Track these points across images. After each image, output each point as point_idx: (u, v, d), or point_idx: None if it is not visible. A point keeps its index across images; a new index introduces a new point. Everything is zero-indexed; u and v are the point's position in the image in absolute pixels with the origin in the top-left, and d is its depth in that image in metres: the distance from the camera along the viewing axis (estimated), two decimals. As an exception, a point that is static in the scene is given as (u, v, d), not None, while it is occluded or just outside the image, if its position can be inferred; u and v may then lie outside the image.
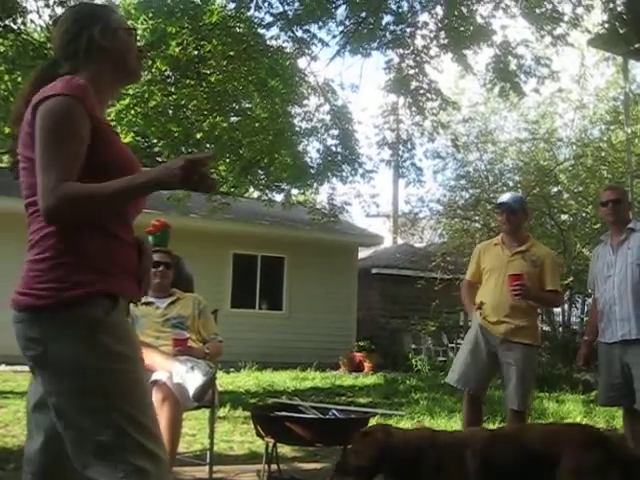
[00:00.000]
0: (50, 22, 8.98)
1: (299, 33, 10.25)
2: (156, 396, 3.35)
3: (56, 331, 1.71)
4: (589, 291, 4.64)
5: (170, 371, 3.45)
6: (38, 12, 8.95)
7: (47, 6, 8.89)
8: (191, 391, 3.37)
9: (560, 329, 13.53)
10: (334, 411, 3.92)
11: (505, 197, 4.76)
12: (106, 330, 1.73)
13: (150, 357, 3.48)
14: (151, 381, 3.40)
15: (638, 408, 4.07)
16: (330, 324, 13.76)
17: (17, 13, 8.23)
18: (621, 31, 10.35)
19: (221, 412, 6.54)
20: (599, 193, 13.69)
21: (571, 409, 7.76)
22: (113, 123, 10.41)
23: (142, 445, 1.70)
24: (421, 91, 11.74)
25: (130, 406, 1.72)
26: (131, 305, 4.09)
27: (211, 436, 4.09)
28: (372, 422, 4.31)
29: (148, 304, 4.11)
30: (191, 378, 3.37)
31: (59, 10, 8.84)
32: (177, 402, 3.38)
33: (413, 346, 14.36)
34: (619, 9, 10.46)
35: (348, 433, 3.44)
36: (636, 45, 9.87)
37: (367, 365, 13.16)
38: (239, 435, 5.62)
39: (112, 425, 1.68)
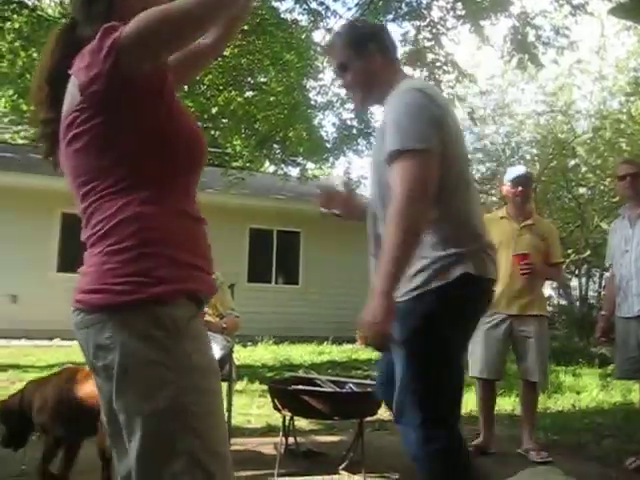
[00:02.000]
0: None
1: (313, 5, 10.16)
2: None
3: (134, 335, 1.41)
4: (607, 265, 4.61)
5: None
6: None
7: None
8: (209, 365, 3.40)
9: (577, 303, 13.48)
10: (351, 385, 3.95)
11: (519, 170, 4.74)
12: (190, 339, 1.46)
13: None
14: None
15: None
16: (347, 298, 13.80)
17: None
18: (642, 0, 10.19)
19: (238, 386, 6.60)
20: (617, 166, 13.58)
21: (587, 383, 7.77)
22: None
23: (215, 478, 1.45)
24: (437, 64, 11.63)
25: (208, 432, 1.46)
26: None
27: (229, 409, 4.15)
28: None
29: None
30: (209, 352, 3.41)
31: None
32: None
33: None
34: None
35: (365, 407, 3.48)
36: (657, 14, 9.70)
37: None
38: (256, 408, 5.68)
39: (186, 453, 1.43)
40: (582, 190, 14.60)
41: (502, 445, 4.56)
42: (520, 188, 4.52)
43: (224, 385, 4.16)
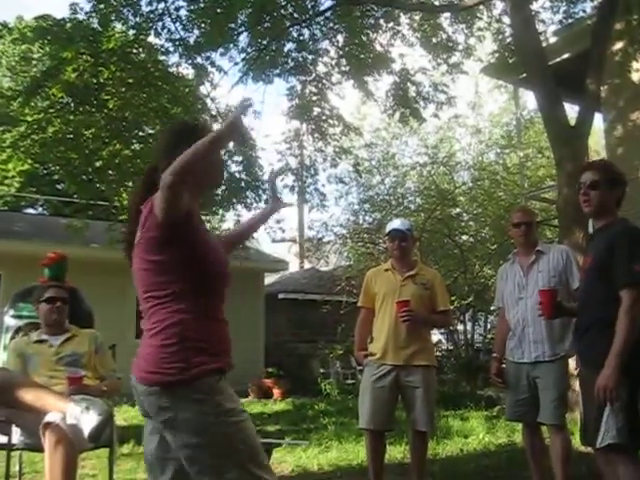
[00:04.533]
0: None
1: (200, 60, 10.24)
2: (49, 439, 3.22)
3: (183, 399, 2.12)
4: (492, 308, 4.73)
5: (64, 412, 3.32)
6: None
7: None
8: (86, 432, 3.25)
9: (463, 347, 13.88)
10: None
11: (395, 224, 4.76)
12: (219, 393, 2.17)
13: (43, 398, 3.34)
14: (43, 423, 3.25)
15: (543, 421, 4.20)
16: (238, 351, 13.53)
17: None
18: (510, 61, 10.89)
19: (125, 448, 6.34)
20: (497, 214, 14.16)
21: (475, 426, 7.95)
22: (9, 150, 10.05)
23: None
24: (323, 117, 11.92)
25: (249, 447, 2.16)
26: (22, 344, 3.94)
27: (110, 477, 3.96)
28: (278, 452, 4.30)
29: (41, 342, 3.97)
30: (86, 418, 3.26)
31: None
32: (72, 444, 3.24)
33: (322, 370, 14.39)
34: (508, 40, 10.99)
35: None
36: (524, 74, 10.38)
37: (276, 391, 13.09)
38: (142, 472, 5.45)
39: (237, 466, 2.12)
40: (464, 238, 15.15)
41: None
42: (397, 242, 4.62)
43: (105, 451, 3.98)
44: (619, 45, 10.23)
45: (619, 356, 2.94)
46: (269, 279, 17.35)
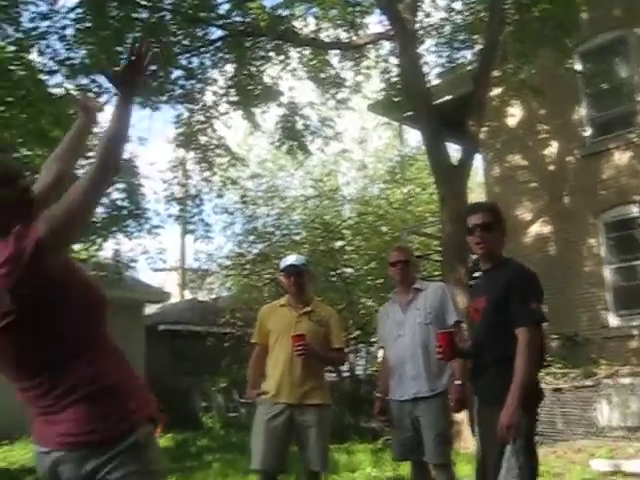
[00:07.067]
0: None
1: (85, 82, 9.88)
2: None
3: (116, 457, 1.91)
4: (379, 347, 4.71)
5: None
6: None
7: None
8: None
9: (347, 379, 13.96)
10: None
11: (291, 259, 4.66)
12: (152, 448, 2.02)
13: None
14: None
15: (427, 460, 4.21)
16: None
17: None
18: (396, 99, 11.23)
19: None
20: (381, 248, 14.43)
21: (361, 459, 7.94)
22: None
23: None
24: (210, 147, 11.81)
25: None
26: None
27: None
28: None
29: None
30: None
31: None
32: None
33: (204, 404, 14.02)
34: (394, 80, 11.35)
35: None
36: (409, 112, 10.73)
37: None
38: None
39: None
40: (349, 271, 15.32)
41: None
42: (293, 278, 4.55)
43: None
44: (497, 91, 10.81)
45: (519, 393, 2.99)
46: (149, 310, 16.81)
